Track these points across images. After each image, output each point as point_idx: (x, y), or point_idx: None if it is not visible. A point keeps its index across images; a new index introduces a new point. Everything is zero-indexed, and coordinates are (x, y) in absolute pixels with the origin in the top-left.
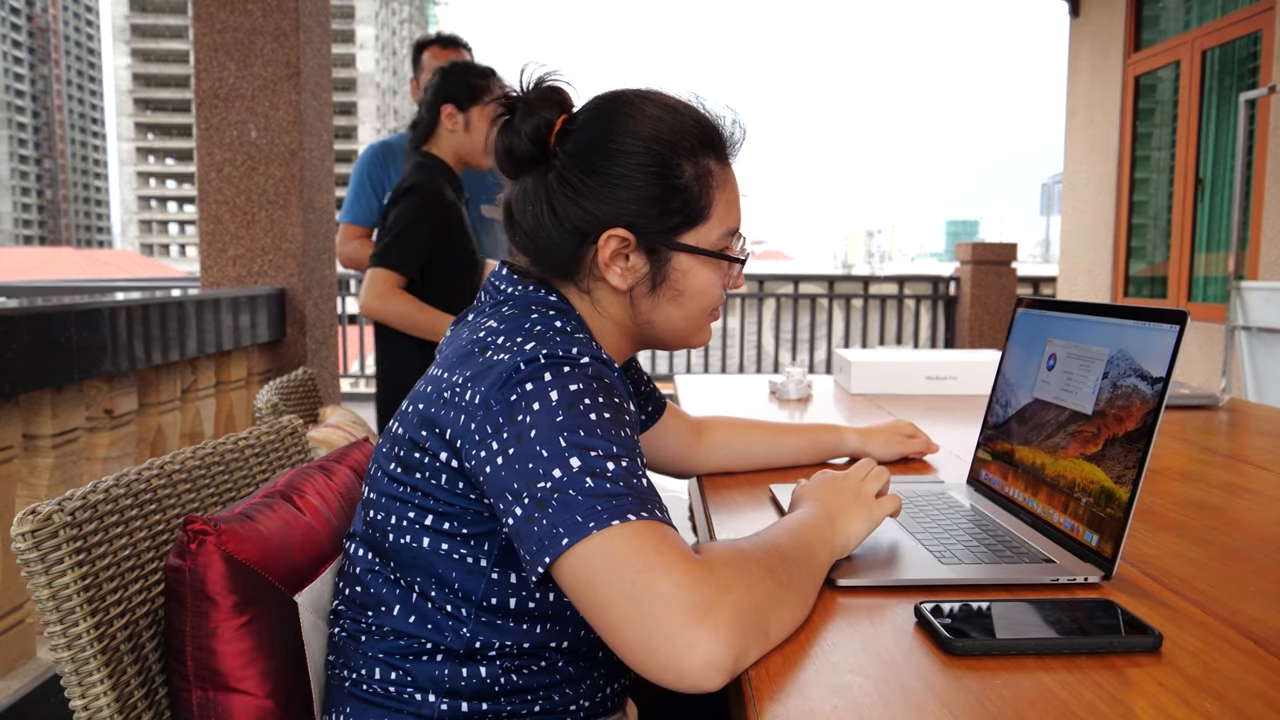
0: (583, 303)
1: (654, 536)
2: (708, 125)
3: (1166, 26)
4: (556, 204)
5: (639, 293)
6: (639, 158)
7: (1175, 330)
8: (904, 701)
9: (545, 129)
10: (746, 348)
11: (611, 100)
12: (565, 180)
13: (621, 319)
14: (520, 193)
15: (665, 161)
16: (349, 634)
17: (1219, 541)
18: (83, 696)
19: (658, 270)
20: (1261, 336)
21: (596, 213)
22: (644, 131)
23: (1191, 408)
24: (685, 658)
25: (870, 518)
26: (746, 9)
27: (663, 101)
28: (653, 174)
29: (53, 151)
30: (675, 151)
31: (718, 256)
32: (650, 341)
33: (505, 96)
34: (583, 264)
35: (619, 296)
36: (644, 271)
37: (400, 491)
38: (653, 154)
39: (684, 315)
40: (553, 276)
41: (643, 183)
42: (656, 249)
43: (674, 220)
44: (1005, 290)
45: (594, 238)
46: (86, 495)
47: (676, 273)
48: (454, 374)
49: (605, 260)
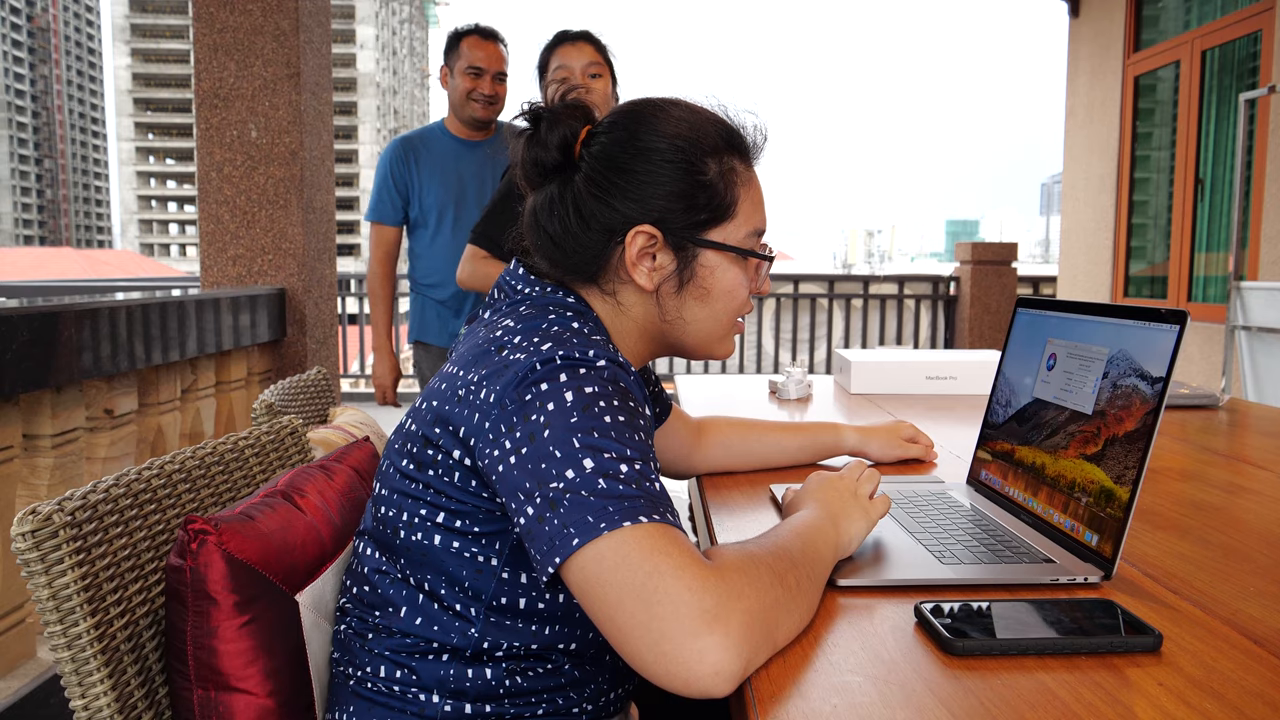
0: (604, 305)
1: (664, 539)
2: (731, 127)
3: (1166, 27)
4: (583, 206)
5: (665, 292)
6: (665, 154)
7: (1175, 330)
8: (904, 701)
9: (571, 139)
10: (746, 348)
11: (636, 105)
12: (592, 180)
13: (645, 321)
14: (545, 199)
15: (691, 158)
16: (355, 631)
17: (1219, 541)
18: (83, 696)
19: (685, 268)
20: (1261, 336)
21: (624, 210)
22: (669, 130)
23: (1191, 408)
24: (695, 665)
25: (868, 518)
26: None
27: (686, 105)
28: (679, 170)
29: (53, 151)
30: (700, 149)
31: (744, 253)
32: (675, 345)
33: (531, 109)
34: (609, 265)
35: (645, 297)
36: (670, 269)
37: (412, 488)
38: (678, 150)
39: (711, 316)
40: (576, 279)
41: (669, 179)
42: (683, 246)
43: (700, 216)
44: (1005, 290)
45: (621, 236)
46: (86, 495)
47: (704, 270)
48: (469, 372)
49: (632, 259)
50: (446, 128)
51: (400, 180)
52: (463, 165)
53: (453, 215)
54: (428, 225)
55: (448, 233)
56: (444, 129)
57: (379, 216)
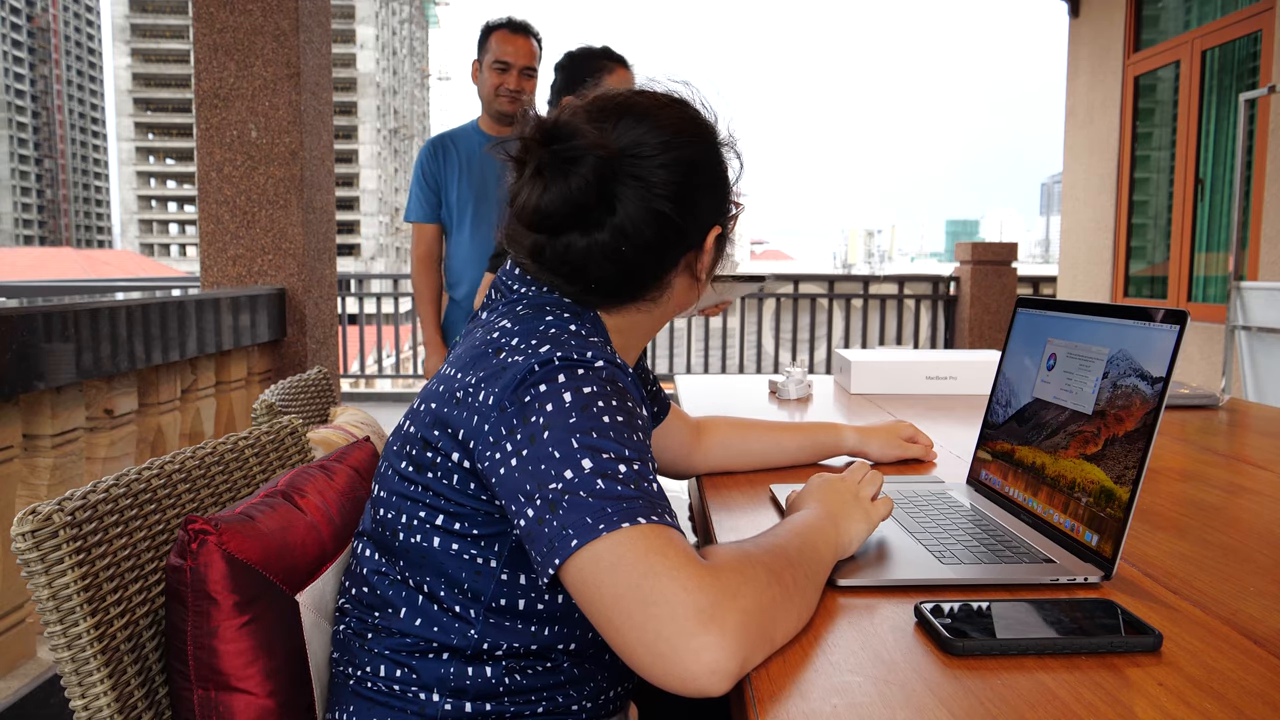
0: None
1: (661, 540)
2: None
3: (1166, 27)
4: (651, 239)
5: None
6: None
7: (1175, 330)
8: (904, 701)
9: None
10: (746, 348)
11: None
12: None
13: (639, 318)
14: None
15: (717, 155)
16: (354, 631)
17: (1219, 541)
18: (83, 696)
19: (719, 251)
20: (1261, 336)
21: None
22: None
23: (1191, 408)
24: (691, 664)
25: (869, 519)
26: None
27: (678, 103)
28: (717, 170)
29: (53, 151)
30: (714, 141)
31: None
32: (658, 327)
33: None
34: (663, 280)
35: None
36: (713, 256)
37: (411, 490)
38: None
39: (694, 287)
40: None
41: (716, 180)
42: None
43: (727, 199)
44: (1005, 290)
45: (697, 246)
46: (86, 495)
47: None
48: (467, 374)
49: (705, 264)
50: (479, 125)
51: (431, 177)
52: (488, 161)
53: (472, 212)
54: (453, 223)
55: (468, 230)
56: (476, 127)
57: (412, 214)
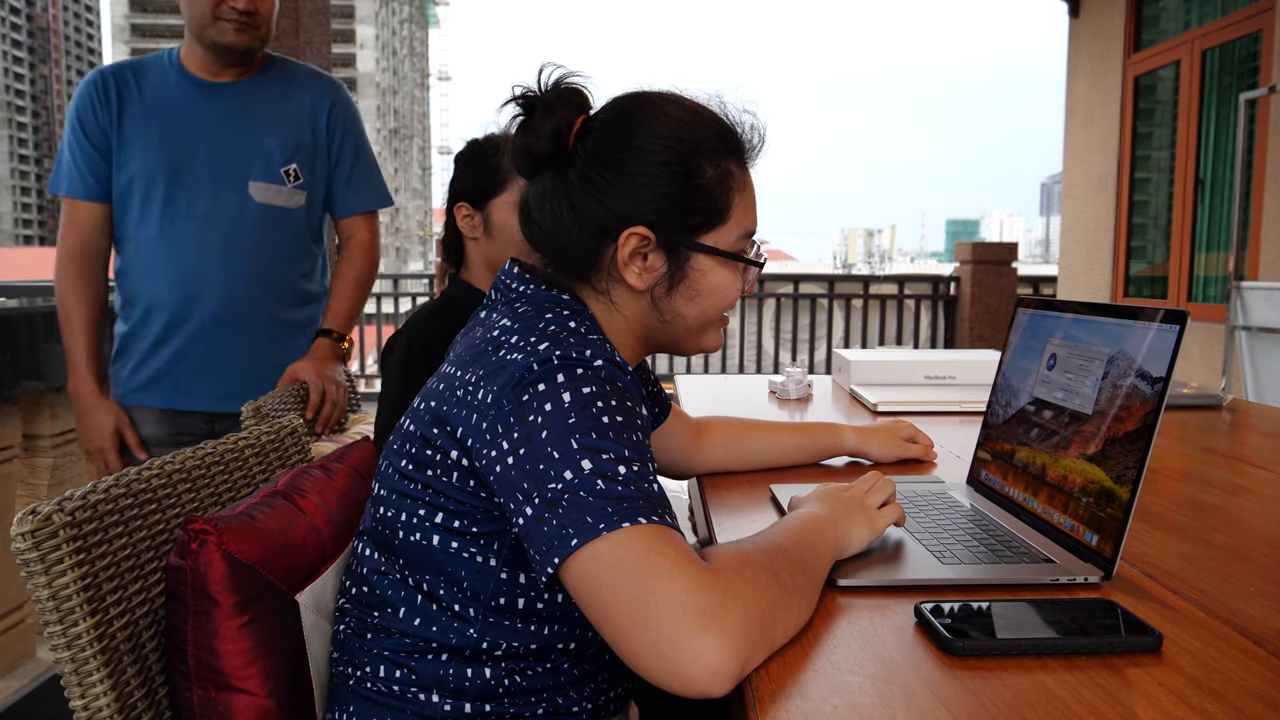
0: (598, 303)
1: (662, 541)
2: (727, 128)
3: (1166, 27)
4: (577, 202)
5: (657, 293)
6: (661, 156)
7: (1175, 330)
8: (904, 701)
9: (565, 128)
10: (746, 348)
11: (633, 100)
12: (586, 178)
13: (637, 320)
14: (538, 192)
15: (687, 161)
16: (354, 631)
17: (1219, 541)
18: (83, 696)
19: (676, 270)
20: (1261, 336)
21: (617, 210)
22: (666, 131)
23: (1192, 408)
24: (692, 665)
25: (873, 526)
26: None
27: (684, 103)
28: (675, 173)
29: (53, 151)
30: (697, 151)
31: (736, 259)
32: (663, 343)
33: (524, 96)
34: (601, 263)
35: (636, 297)
36: (662, 271)
37: (411, 489)
38: (675, 153)
39: (700, 314)
40: (568, 277)
41: (665, 181)
42: (676, 248)
43: (694, 220)
44: (1005, 290)
45: (614, 236)
46: (86, 495)
47: (695, 273)
48: (466, 372)
49: (624, 259)
50: (180, 59)
51: (96, 130)
52: (192, 116)
53: (164, 191)
54: (131, 206)
55: (155, 220)
56: (175, 60)
57: (61, 186)
